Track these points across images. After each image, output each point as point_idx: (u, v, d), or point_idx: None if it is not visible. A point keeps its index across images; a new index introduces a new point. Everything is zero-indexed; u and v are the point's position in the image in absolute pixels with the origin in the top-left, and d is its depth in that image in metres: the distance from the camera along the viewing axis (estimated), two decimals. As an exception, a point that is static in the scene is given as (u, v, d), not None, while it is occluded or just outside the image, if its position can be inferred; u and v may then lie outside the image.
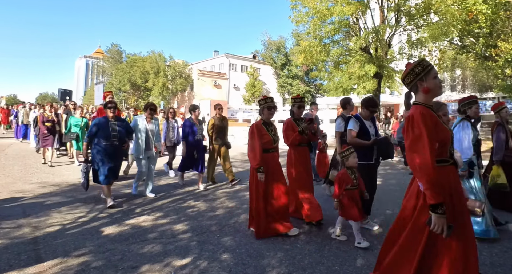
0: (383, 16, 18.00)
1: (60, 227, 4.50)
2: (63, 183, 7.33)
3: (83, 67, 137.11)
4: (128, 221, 4.77)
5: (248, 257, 3.60)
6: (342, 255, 3.69)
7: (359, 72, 16.92)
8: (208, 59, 55.36)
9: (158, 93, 46.73)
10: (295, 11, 17.10)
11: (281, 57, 53.26)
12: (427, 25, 16.52)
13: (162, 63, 48.03)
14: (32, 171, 8.64)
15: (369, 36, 16.60)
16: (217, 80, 49.24)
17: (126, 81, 50.28)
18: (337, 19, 16.60)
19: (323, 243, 4.03)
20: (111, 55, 57.21)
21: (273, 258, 3.58)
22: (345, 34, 18.66)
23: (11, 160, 10.14)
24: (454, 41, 20.23)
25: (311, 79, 50.00)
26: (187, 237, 4.19)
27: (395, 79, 20.17)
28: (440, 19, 16.03)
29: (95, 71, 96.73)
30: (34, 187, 6.83)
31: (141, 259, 3.53)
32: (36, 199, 5.95)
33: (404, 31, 18.50)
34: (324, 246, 3.93)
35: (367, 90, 17.52)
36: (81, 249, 3.76)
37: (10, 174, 8.06)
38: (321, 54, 17.49)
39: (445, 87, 37.59)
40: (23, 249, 3.73)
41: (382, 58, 17.22)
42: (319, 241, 4.08)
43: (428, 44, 17.92)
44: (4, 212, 5.10)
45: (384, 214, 5.28)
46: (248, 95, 48.34)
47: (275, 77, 55.15)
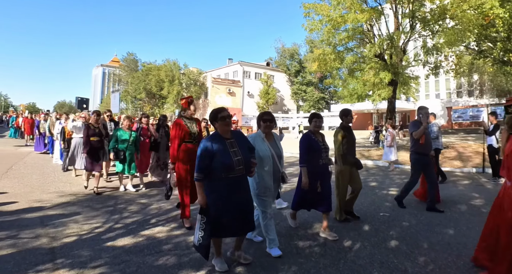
0: (398, 23, 17.88)
1: (77, 237, 4.56)
2: (80, 192, 7.43)
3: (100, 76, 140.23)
4: (143, 232, 4.81)
5: (262, 271, 3.57)
6: (357, 269, 3.63)
7: (374, 79, 16.79)
8: (222, 67, 55.80)
9: (173, 101, 47.28)
10: (309, 19, 17.13)
11: (295, 64, 53.36)
12: (443, 31, 16.32)
13: (177, 72, 48.67)
14: (50, 180, 8.80)
15: (383, 43, 16.49)
16: (231, 88, 49.54)
17: (141, 90, 51.07)
18: (351, 26, 16.56)
19: (338, 256, 3.98)
20: (127, 64, 58.26)
21: (287, 272, 3.54)
22: (359, 41, 18.58)
23: (29, 169, 10.35)
24: (470, 46, 19.95)
25: (325, 86, 49.88)
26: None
27: (410, 86, 19.96)
28: (456, 24, 15.83)
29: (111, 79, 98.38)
30: (52, 196, 6.95)
31: (155, 271, 3.54)
32: (53, 208, 6.04)
33: (419, 37, 18.33)
34: (339, 259, 3.88)
35: (382, 97, 17.37)
36: (97, 260, 3.80)
37: (29, 183, 8.22)
38: (335, 61, 17.45)
39: (462, 93, 36.99)
40: (40, 260, 3.78)
41: (397, 65, 17.07)
42: (333, 254, 4.02)
43: (444, 50, 17.69)
44: (23, 221, 5.19)
45: (400, 226, 5.17)
46: (262, 103, 48.46)
47: (289, 84, 55.20)
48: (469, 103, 33.95)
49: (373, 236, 4.62)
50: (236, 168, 3.35)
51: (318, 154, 4.66)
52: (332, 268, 3.65)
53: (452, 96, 37.58)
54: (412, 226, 5.15)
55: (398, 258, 3.88)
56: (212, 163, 3.34)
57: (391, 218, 5.61)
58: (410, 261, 3.80)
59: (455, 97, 37.05)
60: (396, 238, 4.56)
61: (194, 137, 5.21)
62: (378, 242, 4.36)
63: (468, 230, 4.96)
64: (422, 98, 39.09)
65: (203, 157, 3.35)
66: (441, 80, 37.54)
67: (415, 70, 21.39)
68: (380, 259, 3.85)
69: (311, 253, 4.07)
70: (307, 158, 4.64)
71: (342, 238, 4.56)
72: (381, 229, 4.99)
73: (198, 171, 3.35)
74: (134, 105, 56.21)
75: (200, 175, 3.34)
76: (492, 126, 9.07)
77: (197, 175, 3.35)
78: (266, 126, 4.17)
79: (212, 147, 3.36)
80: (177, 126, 5.12)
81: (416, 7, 16.63)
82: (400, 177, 10.13)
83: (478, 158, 12.08)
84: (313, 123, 4.81)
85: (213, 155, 3.34)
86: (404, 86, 19.18)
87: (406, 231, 4.91)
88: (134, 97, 54.95)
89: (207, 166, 3.34)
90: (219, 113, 3.51)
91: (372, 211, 6.06)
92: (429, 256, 3.94)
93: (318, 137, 4.79)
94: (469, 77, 33.50)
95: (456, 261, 3.82)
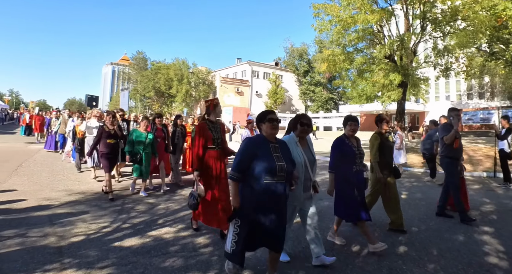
0: (408, 24, 17.70)
1: (85, 237, 4.58)
2: (88, 191, 7.48)
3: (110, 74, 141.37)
4: (150, 233, 4.81)
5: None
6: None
7: (383, 81, 16.63)
8: (231, 67, 55.87)
9: (181, 100, 47.49)
10: (318, 20, 17.02)
11: (303, 64, 53.24)
12: (454, 32, 16.12)
13: (185, 71, 48.86)
14: (59, 178, 8.86)
15: (393, 44, 16.33)
16: (239, 87, 49.57)
17: (150, 88, 51.36)
18: (361, 27, 16.43)
19: (346, 261, 3.94)
20: (137, 62, 58.62)
21: (294, 277, 3.53)
22: (369, 42, 18.42)
23: (39, 166, 10.44)
24: (482, 48, 19.70)
25: (334, 87, 49.69)
26: (208, 251, 4.18)
27: (420, 87, 19.76)
28: (468, 26, 15.62)
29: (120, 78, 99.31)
30: (60, 194, 7.00)
31: (162, 273, 3.54)
32: (62, 207, 6.08)
33: (430, 39, 18.13)
34: (347, 264, 3.84)
35: (392, 99, 17.21)
36: (104, 261, 3.81)
37: (38, 181, 8.29)
38: (345, 62, 17.32)
39: (473, 95, 36.59)
40: (48, 259, 3.80)
41: (407, 67, 16.90)
42: (341, 259, 3.98)
43: (455, 51, 17.47)
44: (31, 220, 5.23)
45: (409, 231, 5.10)
46: (270, 102, 48.42)
47: (297, 84, 55.08)
48: (480, 105, 33.60)
49: (381, 241, 4.55)
50: (278, 173, 3.04)
51: (351, 160, 4.34)
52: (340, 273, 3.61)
53: (463, 98, 37.20)
54: (421, 231, 5.09)
55: (407, 265, 3.83)
56: (252, 164, 3.08)
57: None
58: (419, 268, 3.75)
59: (466, 99, 36.68)
60: (405, 244, 4.50)
61: (218, 142, 4.85)
62: (387, 248, 4.30)
63: (478, 236, 4.89)
64: (432, 100, 38.76)
65: (244, 155, 3.11)
66: (451, 82, 37.18)
67: (425, 72, 21.19)
68: (388, 265, 3.80)
69: (318, 258, 4.03)
70: (337, 164, 4.35)
71: (350, 243, 4.52)
72: (390, 234, 4.93)
73: (236, 169, 3.09)
74: (143, 103, 56.55)
75: (237, 174, 3.08)
76: (504, 130, 8.92)
77: (233, 173, 3.09)
78: (303, 131, 3.81)
79: (255, 147, 3.12)
80: (200, 131, 4.75)
81: (427, 8, 16.43)
82: (409, 180, 10.03)
83: (489, 161, 11.91)
84: (348, 127, 4.46)
85: (255, 155, 3.08)
86: (414, 88, 18.99)
87: (415, 236, 4.84)
88: (143, 96, 55.29)
89: (246, 165, 3.09)
90: (268, 114, 3.27)
91: (381, 215, 5.99)
92: (438, 263, 3.89)
93: (353, 142, 4.47)
94: (480, 79, 33.15)
95: (466, 269, 3.76)
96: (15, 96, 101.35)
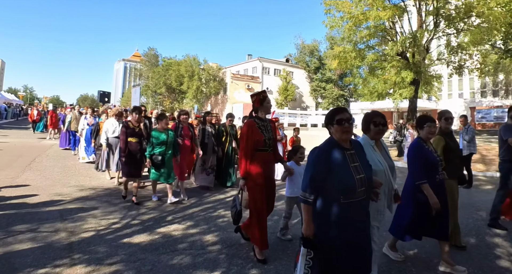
0: (421, 20, 17.48)
1: (94, 233, 4.63)
2: (99, 187, 7.56)
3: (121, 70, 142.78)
4: (159, 230, 4.84)
5: (277, 275, 3.55)
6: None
7: (395, 78, 16.46)
8: (241, 63, 55.79)
9: (192, 96, 47.64)
10: (329, 16, 16.92)
11: (314, 61, 52.90)
12: (468, 29, 15.86)
13: (196, 67, 48.96)
14: (71, 173, 8.97)
15: (406, 41, 16.14)
16: (250, 84, 49.51)
17: (161, 84, 51.65)
18: (373, 23, 16.28)
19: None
20: (148, 59, 58.96)
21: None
22: (380, 39, 18.24)
23: (51, 162, 10.59)
24: (497, 45, 19.32)
25: (345, 83, 49.32)
26: (216, 249, 4.19)
27: (433, 85, 19.50)
28: (482, 22, 15.34)
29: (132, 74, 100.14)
30: (71, 190, 7.09)
31: (170, 271, 3.56)
32: (73, 202, 6.16)
33: (443, 35, 17.86)
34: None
35: (404, 97, 17.03)
36: (113, 257, 3.85)
37: (50, 176, 8.41)
38: (356, 59, 17.21)
39: (487, 93, 35.95)
40: (58, 255, 3.85)
41: (419, 64, 16.69)
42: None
43: (469, 48, 17.17)
44: (43, 215, 5.31)
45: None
46: (281, 99, 48.26)
47: (308, 81, 54.79)
48: (494, 103, 32.97)
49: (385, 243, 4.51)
50: (358, 190, 2.42)
51: (435, 168, 3.75)
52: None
53: (476, 96, 36.56)
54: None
55: (417, 267, 3.79)
56: (325, 180, 2.44)
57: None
58: (429, 271, 3.71)
59: (479, 97, 36.04)
60: (414, 246, 4.45)
61: (269, 144, 4.11)
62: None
63: (490, 239, 4.81)
64: (445, 97, 38.21)
65: (318, 170, 2.45)
66: (464, 80, 36.55)
67: (438, 69, 20.87)
68: (398, 267, 3.76)
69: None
70: (425, 172, 3.69)
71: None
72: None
73: (309, 189, 2.46)
74: (154, 99, 56.90)
75: (310, 195, 2.45)
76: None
77: (305, 195, 2.46)
78: (378, 132, 3.19)
79: (330, 158, 2.47)
80: (249, 131, 4.03)
81: (440, 4, 16.18)
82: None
83: (502, 161, 11.71)
84: (427, 129, 3.86)
85: (330, 169, 2.44)
86: (426, 86, 18.76)
87: (425, 238, 4.76)
88: (154, 92, 55.63)
89: (320, 183, 2.45)
90: (336, 114, 2.58)
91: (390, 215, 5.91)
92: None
93: (430, 146, 3.91)
94: (495, 76, 32.51)
95: (477, 273, 3.70)
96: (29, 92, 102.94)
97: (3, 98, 39.40)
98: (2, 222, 4.85)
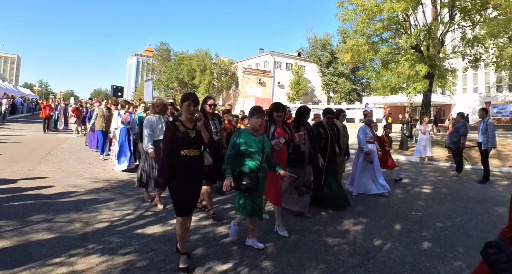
0: (436, 12, 17.12)
1: (108, 223, 4.69)
2: (112, 178, 7.64)
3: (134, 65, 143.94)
4: (172, 221, 4.87)
5: (289, 267, 3.54)
6: (387, 271, 3.52)
7: (409, 72, 16.19)
8: (253, 57, 55.63)
9: (204, 90, 47.69)
10: (342, 9, 16.69)
11: (326, 55, 52.44)
12: (485, 21, 15.47)
13: (208, 61, 48.98)
14: (85, 165, 9.09)
15: (420, 34, 15.84)
16: (261, 78, 49.38)
17: (174, 79, 51.87)
18: (386, 16, 16.00)
19: (368, 256, 3.87)
20: (160, 54, 59.16)
21: (314, 269, 3.49)
22: (394, 32, 17.93)
23: (66, 154, 10.74)
24: (515, 38, 18.85)
25: (357, 77, 48.81)
26: (229, 240, 4.20)
27: (447, 79, 19.14)
28: (499, 15, 14.95)
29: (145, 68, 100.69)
30: (86, 182, 7.18)
31: (183, 261, 3.58)
32: (87, 194, 6.23)
33: (458, 28, 17.48)
34: (368, 259, 3.78)
35: (417, 91, 16.77)
36: (126, 248, 3.89)
37: (65, 168, 8.53)
38: (369, 53, 16.94)
39: (503, 87, 35.19)
40: (73, 245, 3.91)
41: (434, 57, 16.37)
42: (363, 254, 3.92)
43: (486, 41, 16.77)
44: (58, 206, 5.39)
45: (434, 227, 4.98)
46: (292, 93, 48.06)
47: (320, 75, 54.39)
48: (510, 98, 32.26)
49: (404, 237, 4.47)
50: None
51: None
52: (361, 268, 3.56)
53: (492, 90, 35.80)
54: (446, 227, 4.96)
55: (431, 262, 3.74)
56: None
57: (424, 218, 5.42)
58: (444, 265, 3.66)
59: (495, 92, 35.28)
60: (429, 240, 4.39)
61: None
62: (410, 243, 4.21)
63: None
64: (459, 92, 37.54)
65: None
66: (479, 74, 35.81)
67: (452, 63, 20.45)
68: (411, 262, 3.72)
69: (339, 251, 3.99)
70: None
71: (372, 237, 4.45)
72: (413, 229, 4.83)
73: None
74: (167, 94, 57.13)
75: None
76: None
77: None
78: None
79: None
80: None
81: (456, -4, 15.81)
82: (434, 174, 9.80)
83: (519, 156, 11.49)
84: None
85: None
86: (441, 79, 18.40)
87: (439, 232, 4.72)
88: (167, 86, 55.90)
89: None
90: None
91: (404, 209, 5.87)
92: (464, 261, 3.78)
93: None
94: (511, 70, 31.76)
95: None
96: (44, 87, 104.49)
97: (19, 93, 40.09)
98: (19, 212, 4.93)
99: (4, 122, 21.98)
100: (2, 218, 4.62)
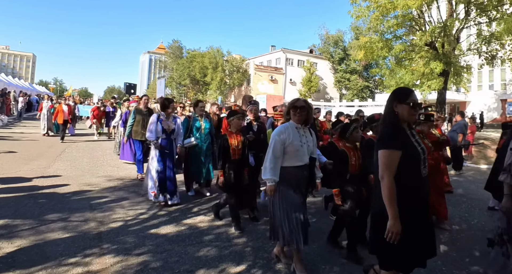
0: (451, 9, 16.82)
1: (123, 223, 4.73)
2: (126, 177, 7.71)
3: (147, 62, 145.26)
4: (185, 221, 4.90)
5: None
6: None
7: (423, 69, 15.96)
8: (265, 54, 55.47)
9: (216, 87, 47.79)
10: (355, 6, 16.52)
11: (339, 52, 51.95)
12: (502, 18, 15.14)
13: (220, 58, 48.98)
14: (99, 163, 9.19)
15: (435, 30, 15.58)
16: (273, 75, 49.23)
17: (186, 76, 52.01)
18: (401, 13, 15.77)
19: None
20: (172, 51, 59.38)
21: (329, 272, 3.47)
22: (408, 28, 17.69)
23: (81, 152, 10.89)
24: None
25: (370, 75, 48.31)
26: (242, 242, 4.20)
27: (463, 76, 18.82)
28: (517, 10, 14.63)
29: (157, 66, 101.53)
30: (100, 180, 7.26)
31: (196, 263, 3.59)
32: (102, 192, 6.30)
33: (474, 25, 17.14)
34: (382, 262, 3.74)
35: (432, 89, 16.52)
36: (140, 248, 3.92)
37: (80, 166, 8.64)
38: (383, 50, 16.76)
39: (519, 85, 34.48)
40: (88, 244, 3.95)
41: (449, 55, 16.09)
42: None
43: (503, 38, 16.42)
44: (73, 204, 5.46)
45: (450, 230, 4.89)
46: (304, 90, 47.81)
47: (332, 72, 53.97)
48: (524, 96, 31.61)
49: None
50: None
51: None
52: (376, 271, 3.51)
53: (508, 87, 35.07)
54: (463, 230, 4.87)
55: (447, 266, 3.68)
56: None
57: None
58: (460, 270, 3.60)
59: (511, 89, 34.59)
60: (444, 243, 4.32)
61: None
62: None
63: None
64: (474, 89, 36.91)
65: None
66: (495, 71, 35.09)
67: (468, 60, 20.09)
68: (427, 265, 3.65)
69: (353, 253, 3.95)
70: None
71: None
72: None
73: None
74: (179, 91, 57.41)
75: None
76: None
77: None
78: None
79: None
80: None
81: (472, -8, 15.51)
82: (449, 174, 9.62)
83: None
84: None
85: None
86: (456, 77, 18.10)
87: (456, 236, 4.64)
88: (179, 83, 56.11)
89: None
90: None
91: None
92: (481, 266, 3.70)
93: None
94: (528, 68, 31.10)
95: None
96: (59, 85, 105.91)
97: (34, 90, 40.69)
98: (34, 211, 5.01)
99: (20, 120, 22.38)
100: (19, 217, 4.70)
